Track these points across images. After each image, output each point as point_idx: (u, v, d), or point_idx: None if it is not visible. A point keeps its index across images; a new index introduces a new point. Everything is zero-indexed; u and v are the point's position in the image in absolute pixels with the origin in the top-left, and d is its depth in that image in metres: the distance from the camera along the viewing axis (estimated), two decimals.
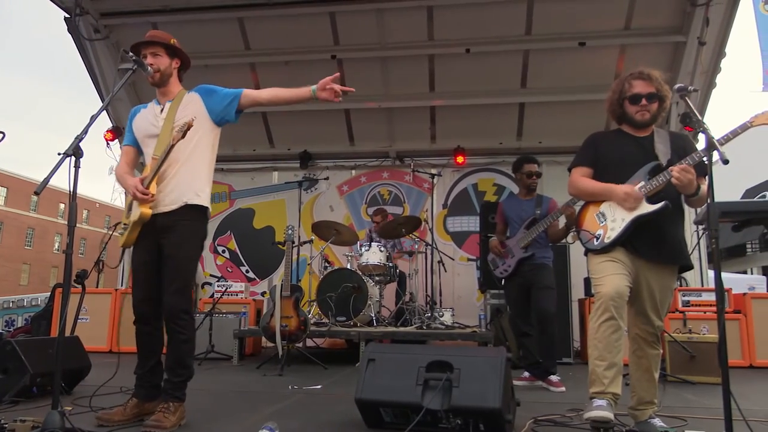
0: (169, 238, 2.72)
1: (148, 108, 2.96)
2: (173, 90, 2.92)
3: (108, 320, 6.32)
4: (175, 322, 2.69)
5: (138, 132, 2.93)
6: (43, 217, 40.62)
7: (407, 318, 5.94)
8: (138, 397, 2.80)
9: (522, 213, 4.41)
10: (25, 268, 39.13)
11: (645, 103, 2.68)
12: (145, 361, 2.84)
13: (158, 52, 2.85)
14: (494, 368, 2.48)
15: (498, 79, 7.27)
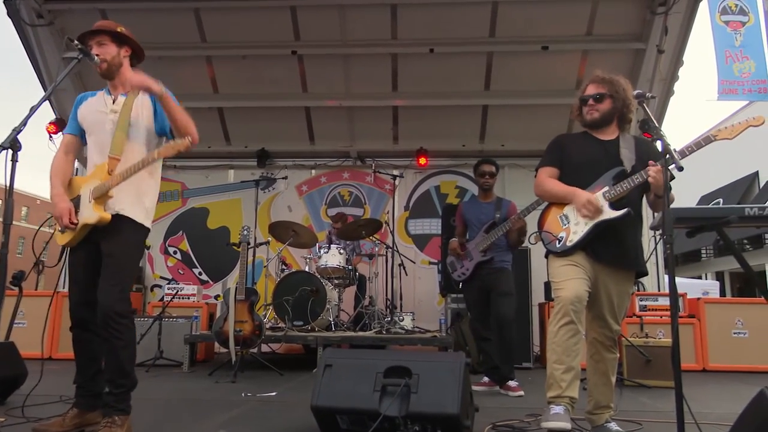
0: (109, 237, 2.57)
1: (96, 97, 2.79)
2: (126, 79, 2.73)
3: (49, 324, 5.96)
4: (111, 326, 2.46)
5: (84, 121, 2.76)
6: None
7: (366, 322, 5.83)
8: (78, 407, 2.64)
9: (482, 216, 4.38)
10: None
11: (592, 102, 2.74)
12: (85, 369, 2.67)
13: (104, 41, 2.69)
14: (453, 373, 2.43)
15: (462, 80, 7.26)
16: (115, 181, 2.53)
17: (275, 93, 7.43)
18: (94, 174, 2.62)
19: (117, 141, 2.60)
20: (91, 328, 2.62)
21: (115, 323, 2.47)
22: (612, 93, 2.71)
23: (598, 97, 2.72)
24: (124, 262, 2.59)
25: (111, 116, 2.66)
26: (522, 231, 4.22)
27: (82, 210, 2.59)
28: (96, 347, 2.64)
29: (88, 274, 2.61)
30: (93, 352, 2.65)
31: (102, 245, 2.57)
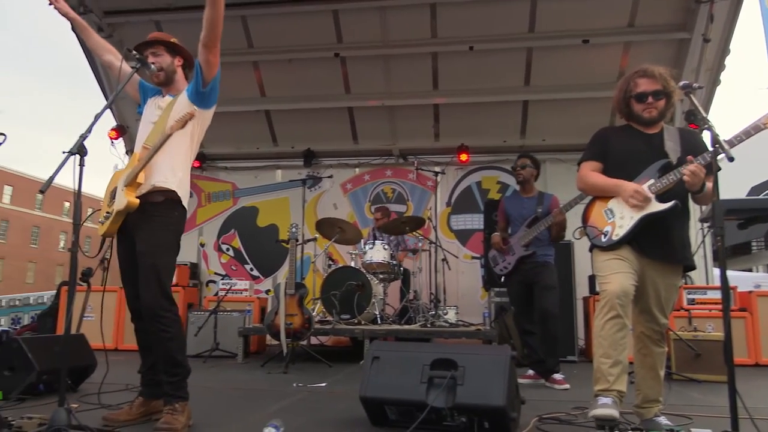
0: (139, 233, 2.66)
1: (156, 96, 2.95)
2: (180, 88, 2.90)
3: (113, 318, 6.34)
4: (157, 321, 2.59)
5: (144, 114, 2.93)
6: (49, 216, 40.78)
7: (411, 316, 5.95)
8: (143, 396, 2.80)
9: (523, 211, 4.41)
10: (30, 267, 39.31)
11: (651, 100, 2.67)
12: (147, 357, 2.83)
13: (159, 51, 2.85)
14: (499, 366, 2.48)
15: (502, 76, 7.26)
16: (141, 165, 2.61)
17: (319, 95, 7.63)
18: (129, 164, 2.75)
19: (154, 133, 2.74)
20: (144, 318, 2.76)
21: (159, 318, 2.59)
22: (668, 90, 2.65)
23: (657, 94, 2.66)
24: (158, 258, 2.64)
25: (157, 112, 2.82)
26: (562, 225, 4.22)
27: (116, 198, 2.66)
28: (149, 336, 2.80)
29: (133, 269, 2.70)
30: (149, 342, 2.77)
31: (136, 242, 2.65)
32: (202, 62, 2.72)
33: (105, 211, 2.74)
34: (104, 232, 2.72)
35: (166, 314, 2.60)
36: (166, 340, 2.60)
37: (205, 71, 2.73)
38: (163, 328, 2.59)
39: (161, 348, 2.63)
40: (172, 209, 2.72)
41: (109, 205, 2.72)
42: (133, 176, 2.61)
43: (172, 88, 2.90)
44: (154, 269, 2.61)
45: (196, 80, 2.76)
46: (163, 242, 2.69)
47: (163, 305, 2.60)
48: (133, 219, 2.64)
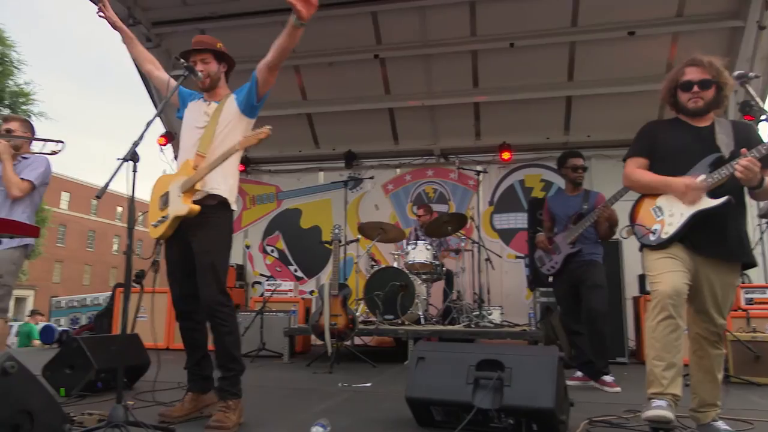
0: (197, 233, 2.74)
1: (197, 101, 3.01)
2: (221, 93, 2.98)
3: (165, 318, 6.55)
4: (215, 316, 2.69)
5: (186, 119, 2.99)
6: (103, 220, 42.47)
7: (455, 316, 5.92)
8: (192, 390, 2.88)
9: (568, 209, 4.31)
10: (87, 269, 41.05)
11: (697, 89, 2.56)
12: (193, 354, 2.91)
13: (207, 58, 2.91)
14: (547, 367, 2.44)
15: (543, 72, 7.14)
16: (200, 175, 2.70)
17: (360, 96, 7.69)
18: (181, 170, 2.81)
19: (205, 140, 2.81)
20: (192, 317, 2.86)
21: (218, 313, 2.68)
22: (717, 80, 2.54)
23: (704, 83, 2.55)
24: (215, 256, 2.74)
25: (204, 119, 2.88)
26: (612, 220, 4.10)
27: (172, 203, 2.74)
28: (198, 335, 2.90)
29: (184, 269, 2.80)
30: (196, 340, 2.89)
31: (193, 243, 2.73)
32: (261, 80, 2.83)
33: (159, 215, 2.82)
34: (159, 235, 2.80)
35: (224, 309, 2.71)
36: (224, 334, 2.69)
37: (261, 87, 2.85)
38: (221, 323, 2.69)
39: (219, 343, 2.71)
40: (224, 211, 2.83)
41: (162, 209, 2.81)
42: (191, 184, 2.70)
43: (215, 94, 2.96)
44: (213, 267, 2.71)
45: (250, 93, 2.86)
46: (219, 242, 2.80)
47: (221, 301, 2.70)
48: (188, 221, 2.73)
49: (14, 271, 3.36)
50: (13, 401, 1.85)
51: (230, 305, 2.77)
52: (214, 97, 2.96)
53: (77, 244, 40.23)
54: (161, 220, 2.78)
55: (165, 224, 2.75)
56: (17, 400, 1.87)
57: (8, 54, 17.91)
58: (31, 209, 3.53)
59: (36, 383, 2.02)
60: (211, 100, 2.95)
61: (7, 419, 1.83)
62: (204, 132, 2.85)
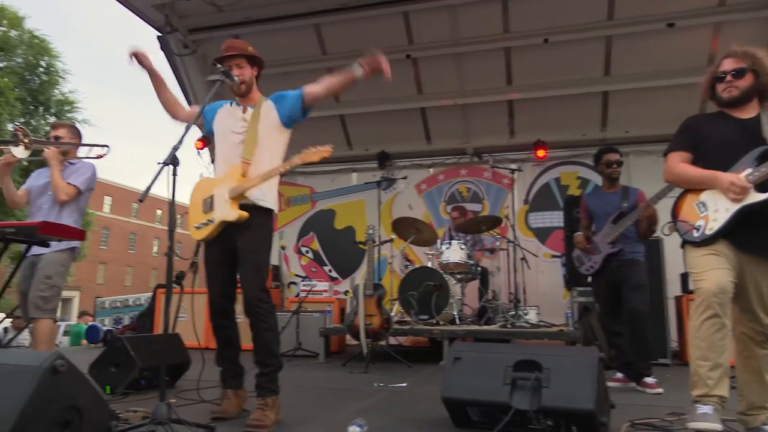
0: (243, 233, 2.80)
1: (226, 108, 3.05)
2: (254, 97, 3.02)
3: (204, 318, 6.68)
4: (257, 311, 2.75)
5: (215, 126, 3.04)
6: (143, 223, 43.68)
7: (490, 316, 5.86)
8: (230, 387, 2.94)
9: (607, 207, 4.21)
10: (128, 270, 42.30)
11: (730, 79, 2.51)
12: (229, 352, 2.97)
13: (242, 63, 2.95)
14: (586, 368, 2.40)
15: (579, 68, 7.01)
16: (252, 184, 2.77)
17: (392, 97, 7.68)
18: (227, 176, 2.86)
19: (248, 147, 2.86)
20: (229, 315, 2.94)
21: (260, 309, 2.75)
22: (754, 67, 2.48)
23: (737, 72, 2.50)
24: (259, 255, 2.84)
25: (242, 124, 2.93)
26: (653, 219, 3.99)
27: (218, 208, 2.80)
28: (233, 333, 2.96)
29: (225, 269, 2.89)
30: (231, 337, 2.96)
31: (238, 242, 2.80)
32: (310, 100, 2.94)
33: (203, 218, 2.88)
34: (203, 238, 2.87)
35: (264, 305, 2.78)
36: (264, 330, 2.76)
37: (308, 105, 2.95)
38: (262, 318, 2.76)
39: (259, 338, 2.78)
40: (267, 214, 2.92)
41: (206, 212, 2.87)
42: (240, 192, 2.77)
43: (248, 98, 3.01)
44: (257, 265, 2.81)
45: (294, 109, 2.94)
46: (263, 241, 2.89)
47: (262, 297, 2.78)
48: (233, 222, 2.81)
49: (62, 272, 3.50)
50: (63, 398, 1.93)
51: (271, 302, 2.84)
52: (248, 102, 3.00)
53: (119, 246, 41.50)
54: (205, 223, 2.85)
55: (210, 227, 2.83)
56: (67, 397, 1.94)
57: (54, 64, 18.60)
58: (78, 213, 3.66)
59: (84, 381, 2.10)
60: (246, 105, 2.99)
61: (58, 415, 1.90)
62: (245, 137, 2.89)
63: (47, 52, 18.42)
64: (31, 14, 37.77)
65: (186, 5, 6.65)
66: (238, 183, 2.79)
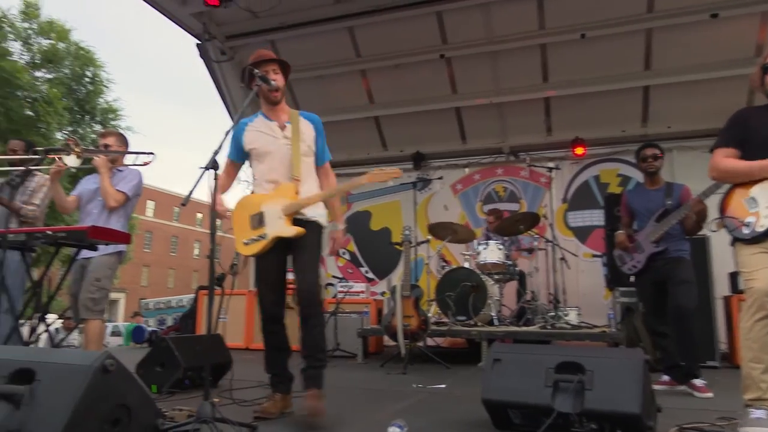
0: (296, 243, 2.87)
1: (257, 123, 3.01)
2: (285, 107, 3.04)
3: (243, 320, 6.82)
4: (312, 306, 2.84)
5: (252, 145, 2.98)
6: (184, 226, 44.80)
7: (529, 317, 5.78)
8: (280, 391, 2.96)
9: (650, 204, 4.08)
10: (171, 273, 43.43)
11: None
12: (280, 357, 3.00)
13: (276, 69, 2.98)
14: (631, 370, 2.33)
15: (618, 62, 6.86)
16: (312, 201, 2.87)
17: (426, 97, 7.69)
18: (278, 193, 2.90)
19: (297, 164, 2.91)
20: (281, 321, 2.98)
21: (315, 304, 2.85)
22: None
23: None
24: (314, 254, 2.94)
25: (284, 141, 2.94)
26: (702, 215, 3.83)
27: (272, 224, 2.84)
28: (285, 338, 3.00)
29: (279, 276, 2.96)
30: (283, 342, 3.00)
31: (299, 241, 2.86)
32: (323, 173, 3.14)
33: (253, 234, 2.89)
34: (254, 253, 2.89)
35: (319, 302, 2.94)
36: (317, 325, 2.87)
37: None
38: (316, 314, 2.87)
39: (311, 334, 2.84)
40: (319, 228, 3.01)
41: (256, 228, 2.89)
42: (296, 209, 2.85)
43: (279, 110, 3.03)
44: (314, 261, 2.93)
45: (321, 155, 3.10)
46: (318, 241, 3.00)
47: (319, 294, 2.92)
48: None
49: (110, 275, 3.62)
50: (113, 397, 1.99)
51: (322, 300, 2.93)
52: (279, 113, 3.02)
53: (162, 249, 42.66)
54: (256, 239, 2.88)
55: (262, 243, 2.86)
56: (117, 396, 2.00)
57: (99, 74, 19.27)
58: (125, 218, 3.79)
59: (133, 380, 2.16)
60: (279, 119, 3.00)
61: (108, 414, 1.96)
62: (292, 155, 2.93)
63: (92, 62, 19.10)
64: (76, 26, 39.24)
65: (223, 13, 6.81)
66: (291, 200, 2.85)
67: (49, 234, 3.02)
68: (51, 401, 1.87)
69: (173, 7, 6.79)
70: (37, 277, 3.41)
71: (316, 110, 3.24)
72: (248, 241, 2.90)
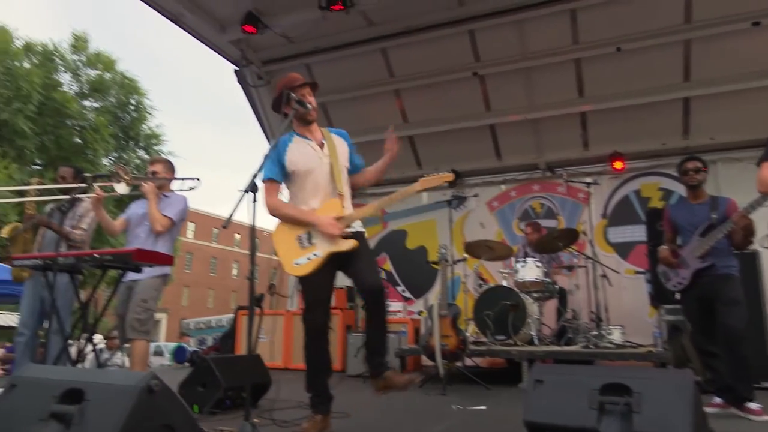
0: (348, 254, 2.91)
1: (296, 143, 3.05)
2: (317, 127, 3.12)
3: (282, 339, 6.87)
4: (381, 301, 2.92)
5: (294, 165, 3.00)
6: (223, 247, 45.71)
7: (571, 336, 5.63)
8: (321, 412, 2.92)
9: (694, 218, 3.95)
10: (210, 293, 44.25)
11: None
12: (323, 375, 3.00)
13: (310, 91, 3.07)
14: (681, 392, 2.24)
15: (655, 74, 6.73)
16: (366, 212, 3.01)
17: (460, 115, 7.70)
18: (325, 210, 2.94)
19: (339, 181, 2.99)
20: (326, 338, 3.00)
21: (383, 300, 2.92)
22: None
23: None
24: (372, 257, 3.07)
25: (325, 160, 3.01)
26: (749, 230, 3.69)
27: (323, 241, 2.86)
28: (328, 357, 3.02)
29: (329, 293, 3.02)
30: (326, 361, 3.01)
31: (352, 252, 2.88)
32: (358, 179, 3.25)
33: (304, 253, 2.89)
34: (308, 272, 2.88)
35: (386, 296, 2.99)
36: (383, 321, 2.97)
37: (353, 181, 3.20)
38: (384, 308, 2.96)
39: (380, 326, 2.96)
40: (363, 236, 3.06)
41: (306, 247, 2.90)
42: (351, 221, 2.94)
43: (314, 129, 3.10)
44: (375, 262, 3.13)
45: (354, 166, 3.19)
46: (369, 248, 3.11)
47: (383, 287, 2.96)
48: None
49: (156, 297, 3.73)
50: (158, 416, 2.03)
51: None
52: (313, 133, 3.09)
53: (201, 269, 43.58)
54: (310, 258, 2.88)
55: (316, 261, 2.86)
56: (161, 416, 2.04)
57: (142, 101, 20.06)
58: (171, 242, 3.92)
59: (177, 400, 2.20)
60: (315, 140, 3.07)
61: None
62: (333, 172, 3.01)
63: (136, 90, 19.91)
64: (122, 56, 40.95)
65: (260, 39, 7.00)
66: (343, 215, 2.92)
67: (96, 257, 3.13)
68: (99, 421, 1.92)
69: (213, 35, 7.03)
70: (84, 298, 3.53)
71: (350, 131, 3.29)
72: (300, 261, 2.89)
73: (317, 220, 2.88)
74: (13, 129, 15.81)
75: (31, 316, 4.16)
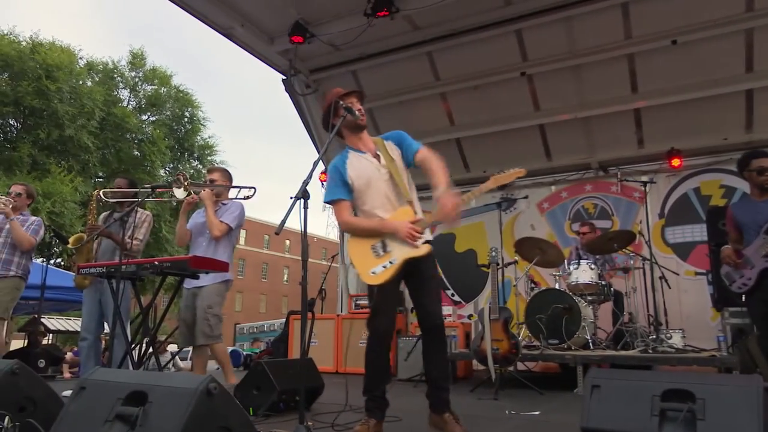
0: (424, 261, 2.93)
1: (354, 158, 3.05)
2: (368, 137, 3.11)
3: (333, 343, 6.94)
4: (440, 331, 2.98)
5: (359, 180, 3.00)
6: (274, 253, 46.69)
7: (628, 341, 5.44)
8: (375, 417, 2.91)
9: (758, 216, 3.76)
10: (262, 298, 45.27)
11: None
12: (382, 380, 2.99)
13: (356, 100, 3.07)
14: (748, 399, 2.13)
15: (715, 66, 6.45)
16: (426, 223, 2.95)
17: (508, 116, 7.60)
18: (398, 216, 2.95)
19: (404, 187, 2.99)
20: (389, 343, 3.05)
21: (443, 335, 2.99)
22: None
23: None
24: (438, 285, 3.13)
25: (383, 170, 3.01)
26: None
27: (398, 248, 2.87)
28: (388, 362, 3.05)
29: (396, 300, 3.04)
30: (387, 366, 3.04)
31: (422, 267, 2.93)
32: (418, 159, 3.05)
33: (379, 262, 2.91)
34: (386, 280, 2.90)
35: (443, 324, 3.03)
36: (444, 349, 3.02)
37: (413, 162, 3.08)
38: (444, 340, 3.02)
39: (441, 358, 3.00)
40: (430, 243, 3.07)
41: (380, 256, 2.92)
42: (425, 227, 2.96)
43: (366, 141, 3.09)
44: (438, 288, 3.11)
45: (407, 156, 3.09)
46: (437, 271, 3.15)
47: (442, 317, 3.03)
48: None
49: (220, 302, 3.88)
50: (216, 419, 2.09)
51: None
52: (368, 146, 3.09)
53: (253, 275, 44.64)
54: (386, 266, 2.89)
55: (393, 268, 2.87)
56: (219, 418, 2.10)
57: (196, 114, 20.81)
58: (231, 248, 4.06)
59: (234, 403, 2.26)
60: (369, 151, 3.07)
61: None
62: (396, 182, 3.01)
63: (190, 103, 20.68)
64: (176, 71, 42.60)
65: (307, 48, 7.13)
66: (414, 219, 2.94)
67: (156, 264, 3.26)
68: (161, 422, 1.99)
69: (262, 47, 7.21)
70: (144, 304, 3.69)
71: None
72: (376, 270, 2.90)
73: (396, 226, 2.89)
74: (77, 144, 16.72)
75: (92, 321, 4.40)
